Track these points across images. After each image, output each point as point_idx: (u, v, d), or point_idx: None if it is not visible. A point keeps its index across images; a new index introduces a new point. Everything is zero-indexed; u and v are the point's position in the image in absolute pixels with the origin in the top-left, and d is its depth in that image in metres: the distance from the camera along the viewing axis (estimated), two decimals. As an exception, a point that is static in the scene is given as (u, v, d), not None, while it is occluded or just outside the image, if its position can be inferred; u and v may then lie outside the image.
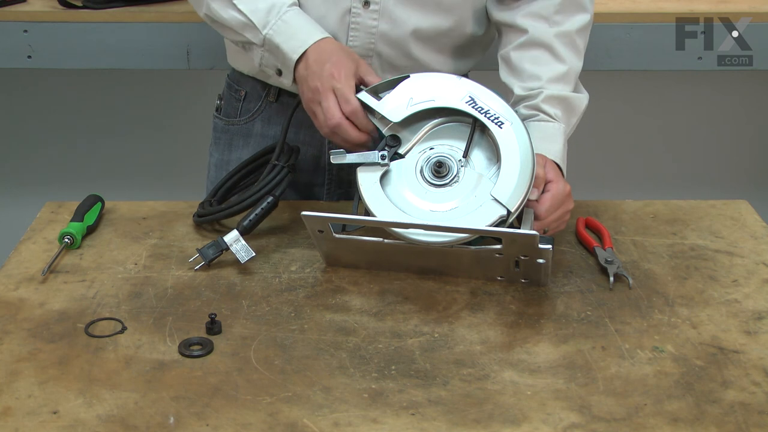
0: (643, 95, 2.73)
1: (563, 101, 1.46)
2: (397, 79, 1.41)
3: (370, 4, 1.46)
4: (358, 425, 1.06)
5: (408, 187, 1.36)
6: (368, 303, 1.30)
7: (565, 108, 1.47)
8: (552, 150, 1.42)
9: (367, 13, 1.47)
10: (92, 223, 1.49)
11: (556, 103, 1.46)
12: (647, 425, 1.06)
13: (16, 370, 1.16)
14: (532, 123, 1.44)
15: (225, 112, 1.67)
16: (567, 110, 1.47)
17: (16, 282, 1.35)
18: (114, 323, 1.26)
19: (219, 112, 1.68)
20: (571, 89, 1.48)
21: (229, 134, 1.66)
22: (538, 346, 1.21)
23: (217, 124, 1.69)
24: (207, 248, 1.38)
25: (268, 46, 1.43)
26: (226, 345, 1.21)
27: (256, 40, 1.43)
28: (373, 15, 1.47)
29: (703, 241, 1.46)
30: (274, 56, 1.43)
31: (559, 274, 1.36)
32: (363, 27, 1.48)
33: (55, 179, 2.78)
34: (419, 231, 1.31)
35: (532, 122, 1.44)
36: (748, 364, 1.16)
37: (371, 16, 1.47)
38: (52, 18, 2.19)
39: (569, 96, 1.47)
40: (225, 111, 1.67)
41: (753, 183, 2.81)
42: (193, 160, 2.19)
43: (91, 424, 1.07)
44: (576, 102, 1.48)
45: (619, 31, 2.17)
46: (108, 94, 2.72)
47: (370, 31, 1.48)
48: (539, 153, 1.38)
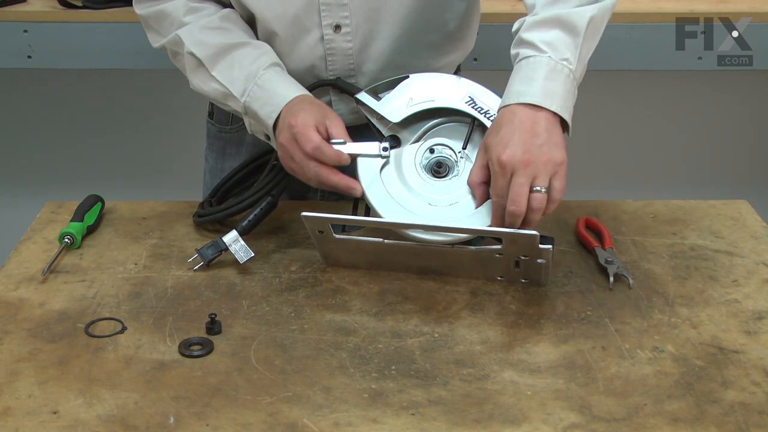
0: (643, 95, 2.73)
1: (554, 23, 1.29)
2: (396, 79, 1.41)
3: (341, 27, 1.44)
4: (358, 425, 1.06)
5: (408, 180, 1.36)
6: (368, 303, 1.30)
7: (562, 29, 1.29)
8: (524, 92, 1.27)
9: (340, 37, 1.44)
10: (92, 223, 1.49)
11: (544, 27, 1.29)
12: (647, 425, 1.06)
13: (16, 370, 1.16)
14: (515, 68, 1.30)
15: (217, 118, 1.65)
16: (565, 31, 1.29)
17: (16, 282, 1.35)
18: (114, 323, 1.26)
19: (212, 117, 1.66)
20: (572, 6, 1.30)
21: (221, 141, 1.65)
22: (538, 346, 1.21)
23: (210, 129, 1.67)
24: (206, 248, 1.38)
25: (249, 114, 1.42)
26: (226, 345, 1.21)
27: (238, 108, 1.43)
28: (346, 37, 1.44)
29: (703, 241, 1.46)
30: (257, 123, 1.42)
31: (559, 274, 1.36)
32: (339, 51, 1.45)
33: (55, 179, 2.78)
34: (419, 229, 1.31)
35: (515, 66, 1.30)
36: (748, 364, 1.16)
37: (345, 38, 1.44)
38: (52, 18, 2.19)
39: (561, 15, 1.29)
40: (217, 117, 1.65)
41: (753, 183, 2.82)
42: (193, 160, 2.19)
43: (91, 424, 1.07)
44: (574, 19, 1.29)
45: (619, 31, 2.17)
46: (108, 94, 2.72)
47: (347, 53, 1.46)
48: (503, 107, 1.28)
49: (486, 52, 1.76)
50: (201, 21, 1.46)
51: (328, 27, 1.44)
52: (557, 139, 1.27)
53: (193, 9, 1.47)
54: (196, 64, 1.45)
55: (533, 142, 1.25)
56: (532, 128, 1.26)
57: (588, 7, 1.31)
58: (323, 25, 1.44)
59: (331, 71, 1.47)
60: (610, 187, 2.80)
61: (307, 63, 1.47)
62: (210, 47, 1.44)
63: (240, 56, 1.43)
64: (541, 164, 1.24)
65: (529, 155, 1.24)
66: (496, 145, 1.26)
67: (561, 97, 1.28)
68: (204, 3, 1.49)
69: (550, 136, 1.26)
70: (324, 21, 1.43)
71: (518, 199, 1.24)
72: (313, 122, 1.34)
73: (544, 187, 1.24)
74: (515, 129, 1.26)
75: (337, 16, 1.43)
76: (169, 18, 1.47)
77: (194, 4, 1.48)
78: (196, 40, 1.45)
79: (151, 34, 1.52)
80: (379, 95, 1.40)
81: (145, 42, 1.55)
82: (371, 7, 1.43)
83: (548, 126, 1.26)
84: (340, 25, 1.44)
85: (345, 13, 1.43)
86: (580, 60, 1.31)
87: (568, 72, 1.29)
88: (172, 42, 1.48)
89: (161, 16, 1.48)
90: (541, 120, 1.26)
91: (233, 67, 1.43)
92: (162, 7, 1.48)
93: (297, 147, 1.34)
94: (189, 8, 1.47)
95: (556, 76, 1.28)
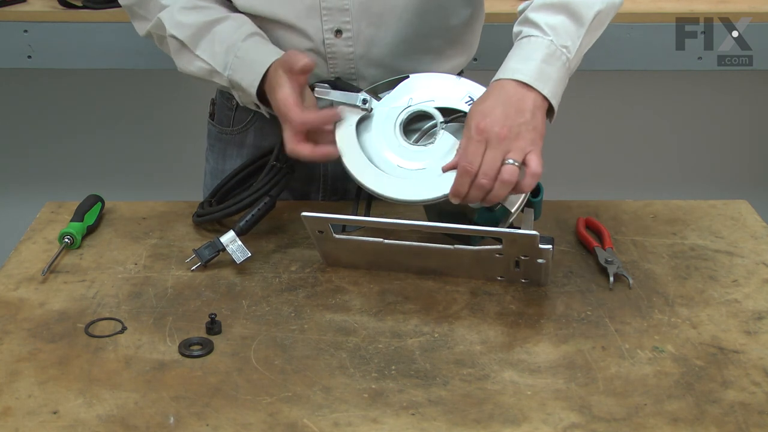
0: (643, 95, 2.73)
1: (562, 8, 1.30)
2: (396, 79, 1.41)
3: (342, 32, 1.43)
4: (358, 425, 1.06)
5: (383, 138, 1.36)
6: (368, 303, 1.30)
7: (568, 16, 1.30)
8: (519, 69, 1.27)
9: (341, 41, 1.44)
10: (92, 223, 1.49)
11: (552, 10, 1.30)
12: (647, 425, 1.06)
13: (16, 370, 1.16)
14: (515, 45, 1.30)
15: (218, 119, 1.64)
16: (571, 19, 1.30)
17: (16, 282, 1.35)
18: (114, 323, 1.26)
19: (212, 118, 1.66)
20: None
21: (222, 143, 1.64)
22: (538, 346, 1.21)
23: (210, 130, 1.67)
24: (204, 249, 1.38)
25: (235, 86, 1.42)
26: (226, 345, 1.21)
27: (224, 82, 1.43)
28: (347, 42, 1.44)
29: (703, 241, 1.46)
30: (244, 94, 1.42)
31: (559, 274, 1.36)
32: (340, 55, 1.45)
33: (55, 179, 2.78)
34: (395, 189, 1.31)
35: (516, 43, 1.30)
36: (748, 364, 1.16)
37: (345, 43, 1.44)
38: (52, 18, 2.19)
39: (570, 2, 1.30)
40: (218, 118, 1.65)
41: (753, 183, 2.82)
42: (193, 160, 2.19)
43: (91, 424, 1.07)
44: (582, 9, 1.30)
45: (619, 31, 2.17)
46: (108, 94, 2.72)
47: (348, 57, 1.46)
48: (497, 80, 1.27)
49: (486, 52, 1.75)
50: (178, 2, 1.45)
51: (329, 32, 1.44)
52: (539, 122, 1.26)
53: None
54: (179, 46, 1.45)
55: (515, 118, 1.25)
56: (518, 105, 1.25)
57: (597, 0, 1.32)
58: (324, 30, 1.43)
59: (332, 75, 1.47)
60: (610, 187, 2.80)
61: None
62: (190, 27, 1.44)
63: (220, 31, 1.43)
64: (517, 141, 1.25)
65: (506, 130, 1.24)
66: (478, 113, 1.27)
67: (554, 81, 1.28)
68: None
69: (534, 118, 1.26)
70: (325, 26, 1.43)
71: (489, 172, 1.24)
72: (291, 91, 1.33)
73: (517, 161, 1.24)
74: (500, 102, 1.26)
75: (338, 20, 1.43)
76: (152, 1, 1.46)
77: None
78: (176, 22, 1.44)
79: (137, 22, 1.51)
80: (379, 95, 1.40)
81: (145, 42, 1.55)
82: (374, 12, 1.43)
83: (534, 107, 1.26)
84: (341, 30, 1.43)
85: (346, 18, 1.43)
86: (578, 51, 1.31)
87: (565, 60, 1.29)
88: (155, 26, 1.47)
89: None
90: (528, 99, 1.26)
91: (214, 42, 1.43)
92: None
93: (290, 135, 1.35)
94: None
95: (554, 61, 1.28)
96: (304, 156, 1.35)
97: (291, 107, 1.34)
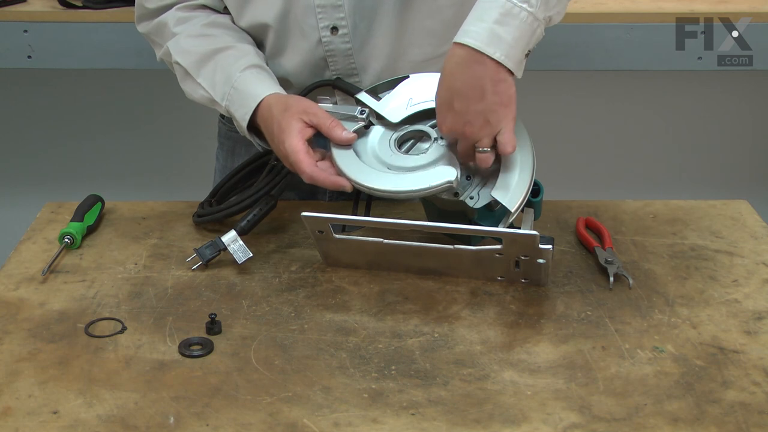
0: (643, 95, 2.73)
1: None
2: (396, 79, 1.41)
3: (338, 29, 1.43)
4: (358, 425, 1.06)
5: (376, 146, 1.37)
6: (368, 303, 1.30)
7: None
8: (469, 31, 1.23)
9: (337, 39, 1.44)
10: (92, 223, 1.49)
11: None
12: (647, 425, 1.06)
13: (16, 370, 1.16)
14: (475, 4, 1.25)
15: (228, 117, 1.66)
16: None
17: (16, 282, 1.35)
18: (114, 323, 1.26)
19: (223, 117, 1.67)
20: None
21: (231, 141, 1.65)
22: (538, 346, 1.21)
23: (221, 128, 1.69)
24: (204, 248, 1.38)
25: (232, 117, 1.44)
26: (226, 345, 1.21)
27: (224, 112, 1.45)
28: (344, 39, 1.44)
29: (703, 241, 1.46)
30: (238, 125, 1.43)
31: (559, 274, 1.36)
32: (339, 52, 1.45)
33: (55, 179, 2.78)
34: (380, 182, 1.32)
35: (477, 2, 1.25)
36: (748, 364, 1.16)
37: (342, 40, 1.44)
38: (52, 18, 2.19)
39: None
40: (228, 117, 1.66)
41: (753, 183, 2.82)
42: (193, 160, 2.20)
43: (91, 424, 1.07)
44: None
45: (619, 31, 2.17)
46: (108, 94, 2.72)
47: (347, 53, 1.46)
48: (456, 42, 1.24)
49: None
50: (186, 30, 1.48)
51: (325, 29, 1.44)
52: (502, 95, 1.24)
53: (183, 19, 1.49)
54: (184, 73, 1.48)
55: (474, 108, 1.24)
56: (475, 85, 1.23)
57: None
58: (320, 28, 1.44)
59: (333, 71, 1.47)
60: (610, 187, 2.80)
61: (308, 65, 1.47)
62: (193, 55, 1.46)
63: (222, 60, 1.45)
64: (484, 129, 1.26)
65: (468, 127, 1.26)
66: (438, 108, 1.29)
67: (507, 43, 1.22)
68: (194, 12, 1.50)
69: (495, 94, 1.23)
70: (320, 23, 1.43)
71: (466, 161, 1.31)
72: (301, 142, 1.34)
73: (488, 148, 1.27)
74: (456, 88, 1.24)
75: (333, 17, 1.43)
76: (166, 27, 1.50)
77: (184, 14, 1.49)
78: (181, 49, 1.47)
79: (155, 48, 1.55)
80: (379, 95, 1.41)
81: (145, 42, 1.56)
82: (366, 5, 1.43)
83: (493, 82, 1.23)
84: (336, 26, 1.43)
85: (341, 15, 1.43)
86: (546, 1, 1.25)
87: (525, 16, 1.23)
88: (165, 53, 1.51)
89: (161, 27, 1.51)
90: (483, 74, 1.23)
91: (216, 71, 1.45)
92: (159, 18, 1.51)
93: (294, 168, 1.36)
94: (178, 19, 1.49)
95: (509, 20, 1.23)
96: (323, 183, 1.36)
97: (302, 161, 1.33)
